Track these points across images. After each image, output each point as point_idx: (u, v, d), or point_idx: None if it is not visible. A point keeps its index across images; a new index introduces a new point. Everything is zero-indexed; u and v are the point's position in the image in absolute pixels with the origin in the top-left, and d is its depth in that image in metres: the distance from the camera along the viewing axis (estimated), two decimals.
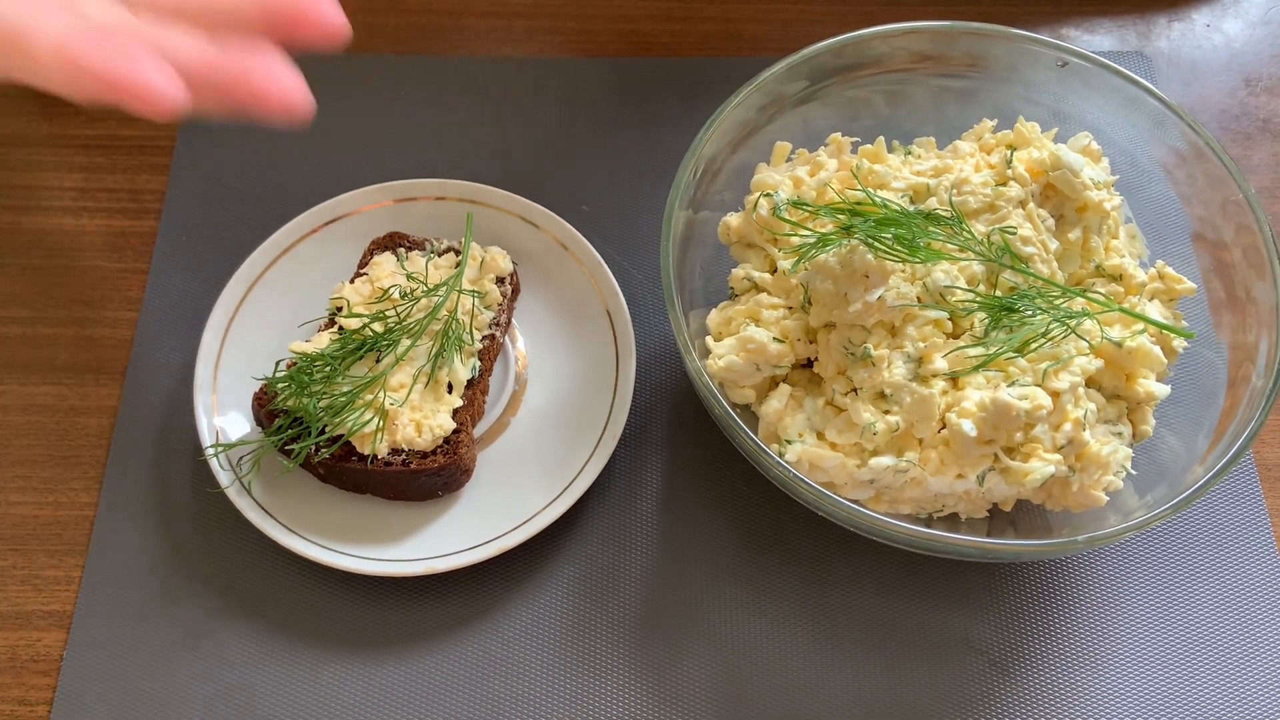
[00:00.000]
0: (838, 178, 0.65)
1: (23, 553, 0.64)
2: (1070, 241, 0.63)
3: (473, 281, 0.67)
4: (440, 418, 0.62)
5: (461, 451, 0.61)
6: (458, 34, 0.84)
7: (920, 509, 0.61)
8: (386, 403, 0.61)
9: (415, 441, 0.61)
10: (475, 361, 0.65)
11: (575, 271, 0.70)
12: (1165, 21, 0.86)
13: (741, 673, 0.61)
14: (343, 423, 0.60)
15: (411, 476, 0.61)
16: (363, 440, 0.60)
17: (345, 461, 0.60)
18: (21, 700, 0.60)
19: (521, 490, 0.63)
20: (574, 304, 0.70)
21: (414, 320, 0.63)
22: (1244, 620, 0.63)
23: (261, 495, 0.62)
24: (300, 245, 0.70)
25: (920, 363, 0.59)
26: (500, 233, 0.71)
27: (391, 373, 0.62)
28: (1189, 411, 0.62)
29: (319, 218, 0.70)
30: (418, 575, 0.60)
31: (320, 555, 0.60)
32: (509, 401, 0.67)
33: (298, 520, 0.62)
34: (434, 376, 0.63)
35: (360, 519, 0.63)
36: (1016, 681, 0.61)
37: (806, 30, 0.84)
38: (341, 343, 0.63)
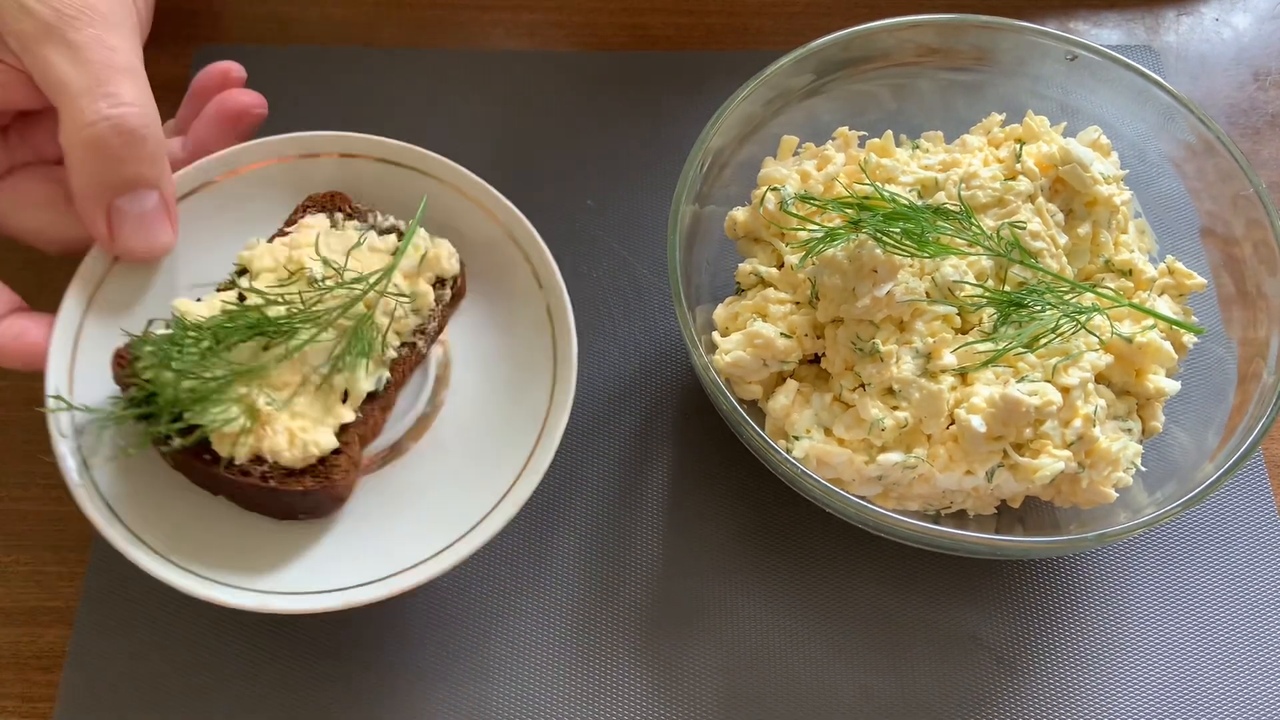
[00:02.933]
0: (845, 172, 0.64)
1: (26, 549, 0.63)
2: (1079, 236, 0.63)
3: (406, 276, 0.57)
4: (320, 434, 0.52)
5: (336, 477, 0.52)
6: (461, 28, 0.83)
7: (928, 505, 0.60)
8: (261, 401, 0.51)
9: (283, 454, 0.51)
10: (384, 374, 0.55)
11: (525, 277, 0.59)
12: (1174, 15, 0.86)
13: (748, 669, 0.61)
14: (203, 412, 0.50)
15: (269, 495, 0.52)
16: (222, 440, 0.51)
17: (195, 457, 0.51)
18: (25, 696, 0.59)
19: (400, 534, 0.54)
20: (516, 318, 0.60)
21: (321, 311, 0.53)
22: (1253, 617, 0.63)
23: (105, 479, 0.52)
24: (230, 180, 0.60)
25: (929, 358, 0.58)
26: (446, 213, 0.61)
27: (277, 367, 0.52)
28: (1199, 408, 0.62)
29: (245, 156, 0.60)
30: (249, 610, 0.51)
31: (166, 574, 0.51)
32: (415, 424, 0.58)
33: (143, 518, 0.52)
34: (328, 381, 0.53)
35: (208, 527, 0.53)
36: (1024, 679, 0.61)
37: (813, 23, 0.83)
38: (231, 316, 0.53)
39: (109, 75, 0.53)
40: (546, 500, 0.65)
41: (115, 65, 0.53)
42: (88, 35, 0.52)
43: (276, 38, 0.81)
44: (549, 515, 0.64)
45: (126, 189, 0.54)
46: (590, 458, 0.66)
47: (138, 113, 0.53)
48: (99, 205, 0.54)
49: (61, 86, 0.52)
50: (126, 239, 0.55)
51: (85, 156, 0.52)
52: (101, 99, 0.52)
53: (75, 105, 0.52)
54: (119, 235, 0.54)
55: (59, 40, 0.52)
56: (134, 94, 0.53)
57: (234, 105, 0.60)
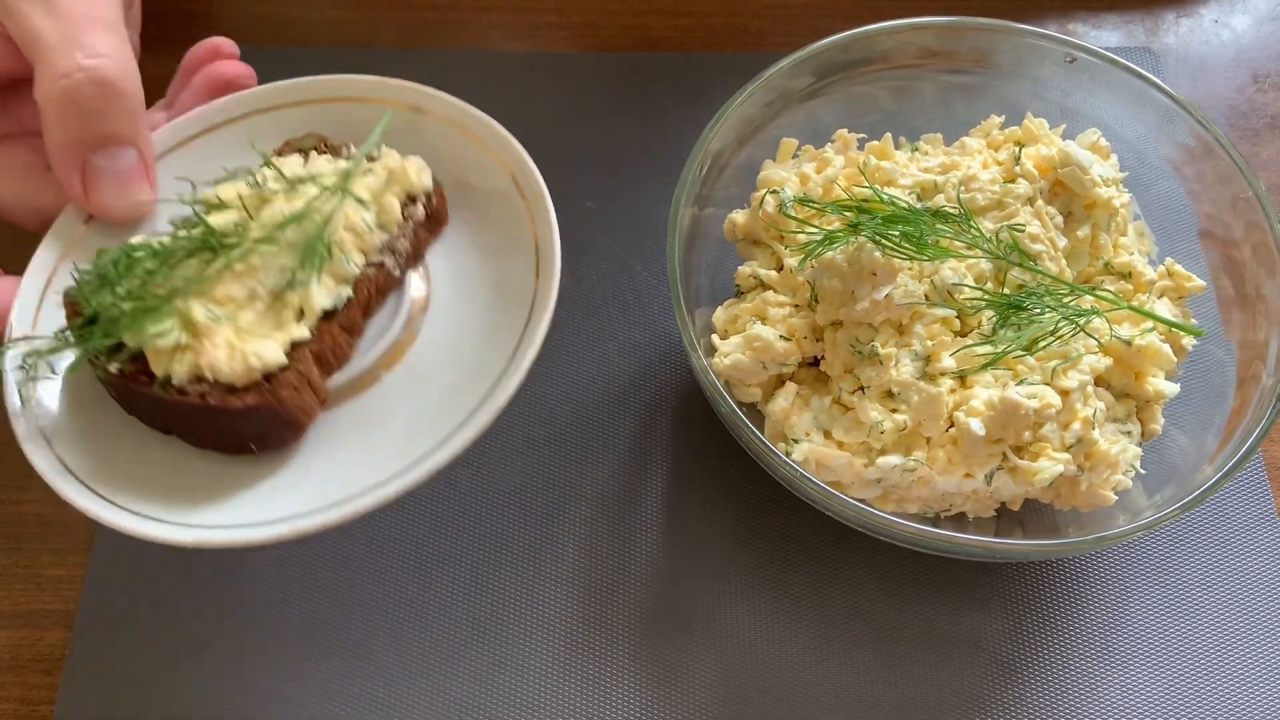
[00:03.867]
0: (844, 174, 0.64)
1: (26, 551, 0.63)
2: (1079, 239, 0.63)
3: (373, 193, 0.54)
4: (265, 346, 0.49)
5: (285, 395, 0.48)
6: (461, 28, 0.83)
7: (928, 508, 0.60)
8: (199, 314, 0.48)
9: (222, 370, 0.47)
10: (345, 290, 0.52)
11: (522, 223, 0.56)
12: (1173, 17, 0.86)
13: (747, 672, 0.61)
14: (137, 328, 0.47)
15: (211, 415, 0.48)
16: (157, 357, 0.48)
17: (134, 381, 0.48)
18: (24, 699, 0.59)
19: (367, 462, 0.50)
20: (507, 255, 0.56)
21: (270, 222, 0.50)
22: (1253, 619, 0.63)
23: (48, 418, 0.50)
24: (205, 138, 0.58)
25: (928, 361, 0.58)
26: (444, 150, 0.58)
27: (220, 280, 0.49)
28: (1198, 410, 0.62)
29: (226, 111, 0.58)
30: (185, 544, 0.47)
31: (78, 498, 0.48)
32: (387, 350, 0.54)
33: (75, 451, 0.49)
34: (281, 298, 0.49)
35: (151, 464, 0.50)
36: (1024, 681, 0.61)
37: (813, 25, 0.83)
38: (177, 237, 0.50)
39: (85, 27, 0.51)
40: (545, 501, 0.65)
41: (92, 17, 0.51)
42: None
43: (276, 39, 0.81)
44: (547, 517, 0.64)
45: (102, 145, 0.52)
46: (589, 459, 0.66)
47: (114, 64, 0.51)
48: (74, 161, 0.52)
49: (36, 39, 0.50)
50: (102, 196, 0.53)
51: (60, 109, 0.51)
52: (76, 50, 0.50)
53: (50, 57, 0.50)
54: (94, 193, 0.52)
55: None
56: (110, 46, 0.51)
57: (220, 76, 0.59)
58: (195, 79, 0.60)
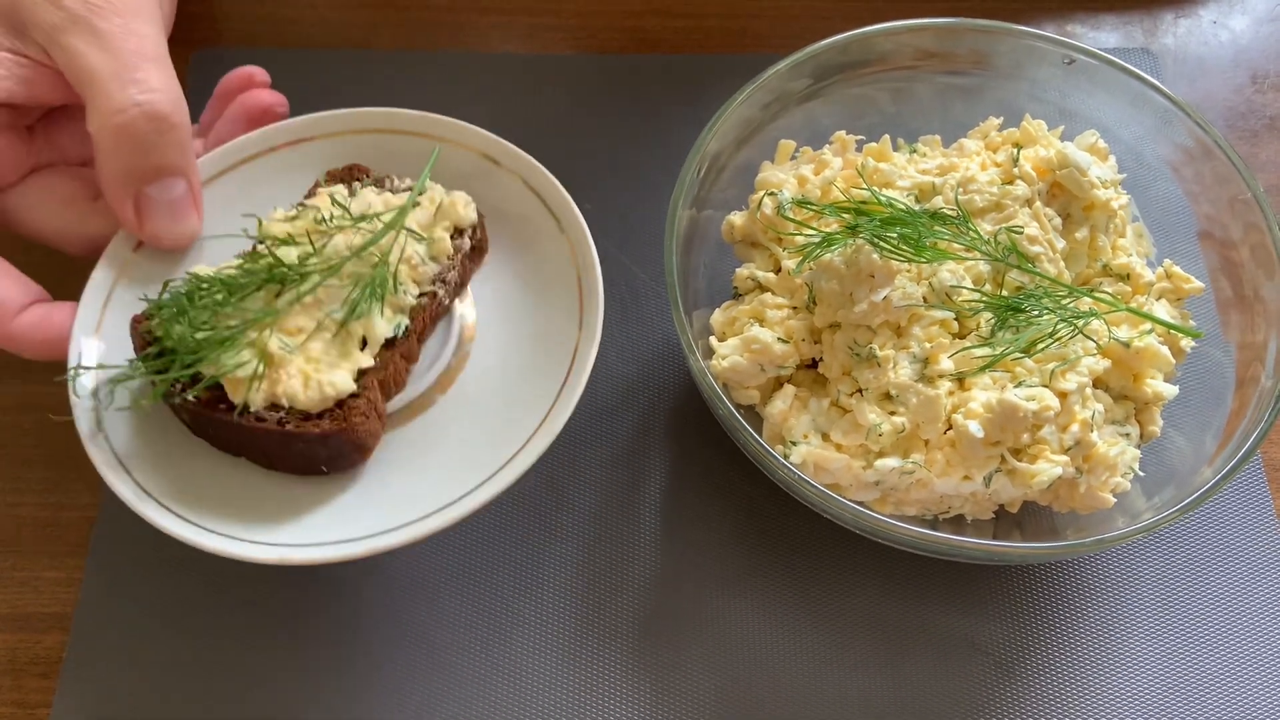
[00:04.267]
0: (842, 176, 0.64)
1: (22, 554, 0.63)
2: (1077, 240, 0.63)
3: (423, 227, 0.57)
4: (337, 375, 0.51)
5: (355, 420, 0.51)
6: (459, 30, 0.83)
7: (926, 511, 0.60)
8: (274, 345, 0.51)
9: (299, 398, 0.50)
10: (402, 320, 0.55)
11: (556, 241, 0.59)
12: (1171, 18, 0.86)
13: (745, 674, 0.61)
14: (216, 360, 0.50)
15: (287, 440, 0.51)
16: (235, 386, 0.50)
17: (212, 410, 0.51)
18: (20, 703, 0.59)
19: (430, 482, 0.53)
20: (544, 278, 0.59)
21: (332, 255, 0.53)
22: (1252, 622, 0.62)
23: (120, 442, 0.52)
24: (244, 168, 0.60)
25: (926, 363, 0.58)
26: (480, 184, 0.61)
27: (290, 312, 0.52)
28: (1197, 412, 0.62)
29: (270, 139, 0.61)
30: (267, 562, 0.50)
31: (164, 521, 0.50)
32: (441, 375, 0.57)
33: (153, 476, 0.51)
34: (345, 327, 0.52)
35: (226, 486, 0.53)
36: (1022, 684, 0.61)
37: (811, 27, 0.83)
38: (245, 270, 0.53)
39: (138, 62, 0.53)
40: (543, 504, 0.65)
41: (144, 53, 0.53)
42: (115, 24, 0.53)
43: (275, 40, 0.81)
44: (545, 519, 0.64)
45: (156, 177, 0.54)
46: (587, 462, 0.66)
47: (167, 99, 0.53)
48: (128, 193, 0.54)
49: (90, 75, 0.52)
50: (155, 226, 0.55)
51: (115, 143, 0.53)
52: (131, 85, 0.52)
53: (105, 92, 0.52)
54: (147, 222, 0.55)
55: (86, 29, 0.52)
56: (162, 81, 0.53)
57: (256, 104, 0.61)
58: (231, 107, 0.62)
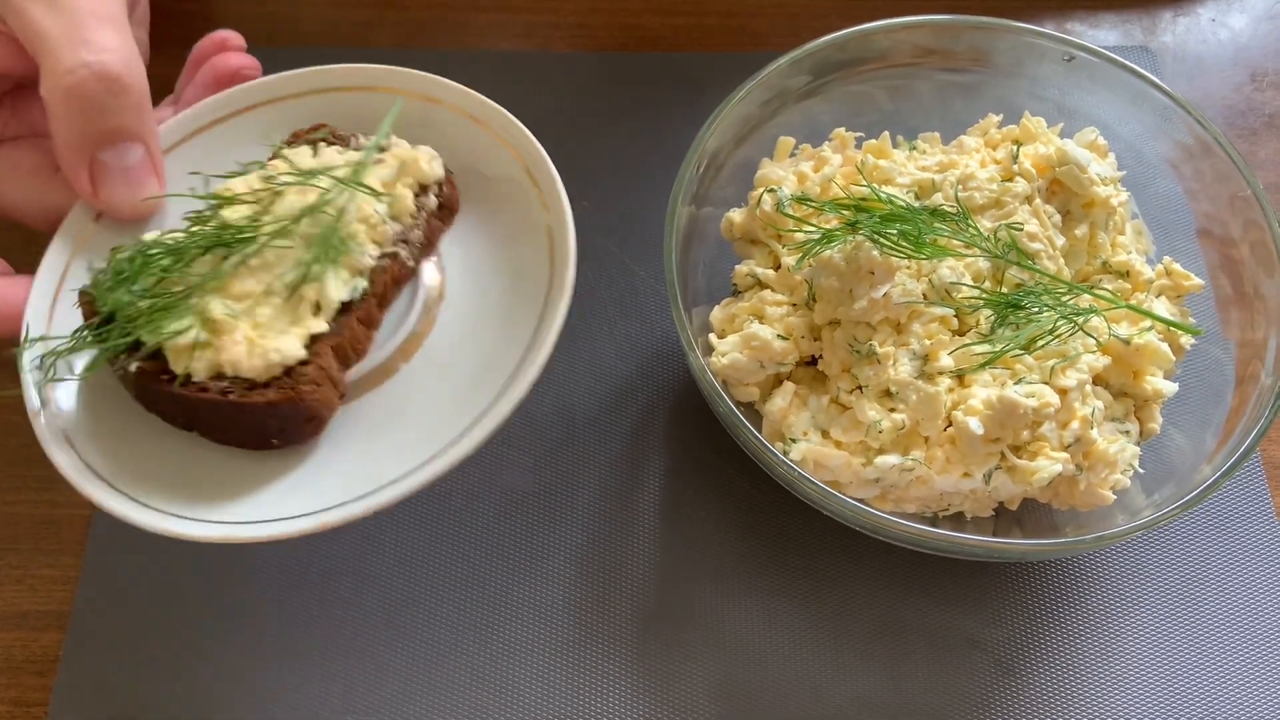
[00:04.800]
0: (842, 173, 0.64)
1: (19, 552, 0.63)
2: (1077, 238, 0.63)
3: (385, 184, 0.53)
4: (285, 341, 0.48)
5: (304, 389, 0.48)
6: (457, 28, 0.83)
7: (926, 508, 0.60)
8: (217, 310, 0.48)
9: (243, 365, 0.48)
10: (361, 283, 0.51)
11: (531, 202, 0.56)
12: (1170, 16, 0.86)
13: (744, 672, 0.60)
14: (155, 327, 0.47)
15: (232, 411, 0.48)
16: (177, 354, 0.48)
17: (154, 380, 0.48)
18: (18, 701, 0.59)
19: (388, 453, 0.50)
20: (520, 242, 0.56)
21: (284, 215, 0.50)
22: (1251, 619, 0.62)
23: (67, 417, 0.50)
24: (209, 131, 0.57)
25: (926, 360, 0.58)
26: (459, 144, 0.57)
27: (237, 275, 0.49)
28: (1197, 409, 0.62)
29: (234, 102, 0.58)
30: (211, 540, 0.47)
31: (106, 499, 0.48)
32: (405, 341, 0.54)
33: (98, 450, 0.49)
34: (297, 291, 0.49)
35: (174, 461, 0.50)
36: (1022, 682, 0.61)
37: (810, 25, 0.83)
38: (192, 233, 0.50)
39: (88, 22, 0.50)
40: (541, 502, 0.65)
41: (95, 13, 0.51)
42: None
43: (272, 39, 0.81)
44: (544, 517, 0.64)
45: (110, 141, 0.52)
46: (586, 459, 0.66)
47: (119, 59, 0.51)
48: (82, 159, 0.52)
49: (41, 36, 0.50)
50: (111, 193, 0.52)
51: (66, 106, 0.50)
52: (81, 46, 0.50)
53: (54, 54, 0.50)
54: (102, 189, 0.52)
55: None
56: (115, 41, 0.51)
57: (225, 68, 0.59)
58: (200, 71, 0.60)
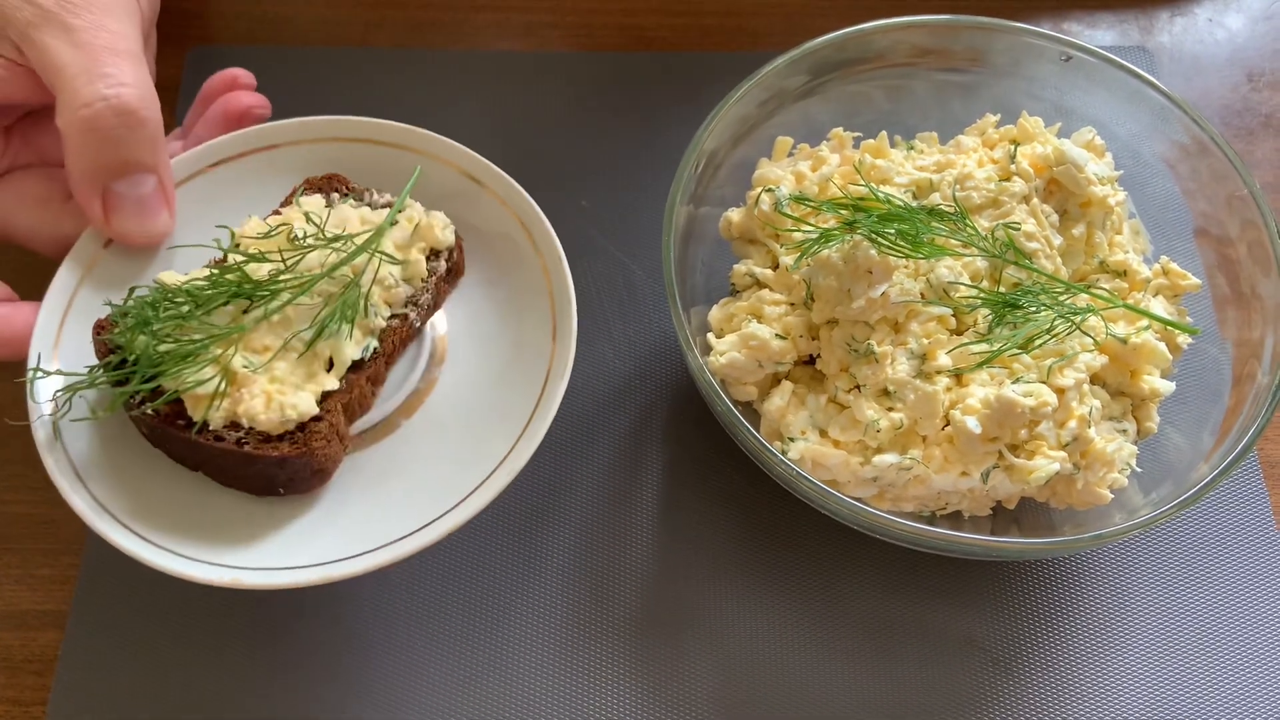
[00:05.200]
0: (840, 173, 0.64)
1: (18, 551, 0.63)
2: (1074, 237, 0.63)
3: (399, 247, 0.55)
4: (299, 397, 0.50)
5: (315, 445, 0.50)
6: (456, 28, 0.83)
7: (923, 507, 0.60)
8: (238, 363, 0.50)
9: (259, 418, 0.49)
10: (371, 342, 0.53)
11: (532, 266, 0.58)
12: (1167, 16, 0.86)
13: (742, 671, 0.60)
14: (177, 374, 0.49)
15: (244, 460, 0.50)
16: (195, 402, 0.49)
17: (170, 424, 0.50)
18: (16, 700, 0.59)
19: (389, 509, 0.52)
20: (522, 306, 0.58)
21: (303, 273, 0.52)
22: (1248, 618, 0.63)
23: (78, 451, 0.51)
24: (220, 170, 0.59)
25: (924, 359, 0.58)
26: (459, 202, 0.59)
27: (256, 329, 0.51)
28: (1194, 408, 0.62)
29: (246, 142, 0.59)
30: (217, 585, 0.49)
31: (122, 540, 0.49)
32: (407, 399, 0.56)
33: (110, 488, 0.50)
34: (312, 348, 0.51)
35: (182, 502, 0.51)
36: (1020, 680, 0.61)
37: (808, 24, 0.83)
38: (212, 281, 0.51)
39: (107, 57, 0.52)
40: (539, 502, 0.65)
41: (114, 48, 0.53)
42: (86, 20, 0.52)
43: (271, 38, 0.81)
44: (542, 517, 0.64)
45: (124, 172, 0.53)
46: (584, 459, 0.66)
47: (136, 93, 0.52)
48: (95, 189, 0.53)
49: (59, 70, 0.52)
50: (122, 223, 0.54)
51: (82, 137, 0.52)
52: (99, 79, 0.51)
53: (72, 87, 0.51)
54: (114, 219, 0.54)
55: (58, 25, 0.52)
56: (132, 75, 0.53)
57: (236, 106, 0.60)
58: (211, 109, 0.61)
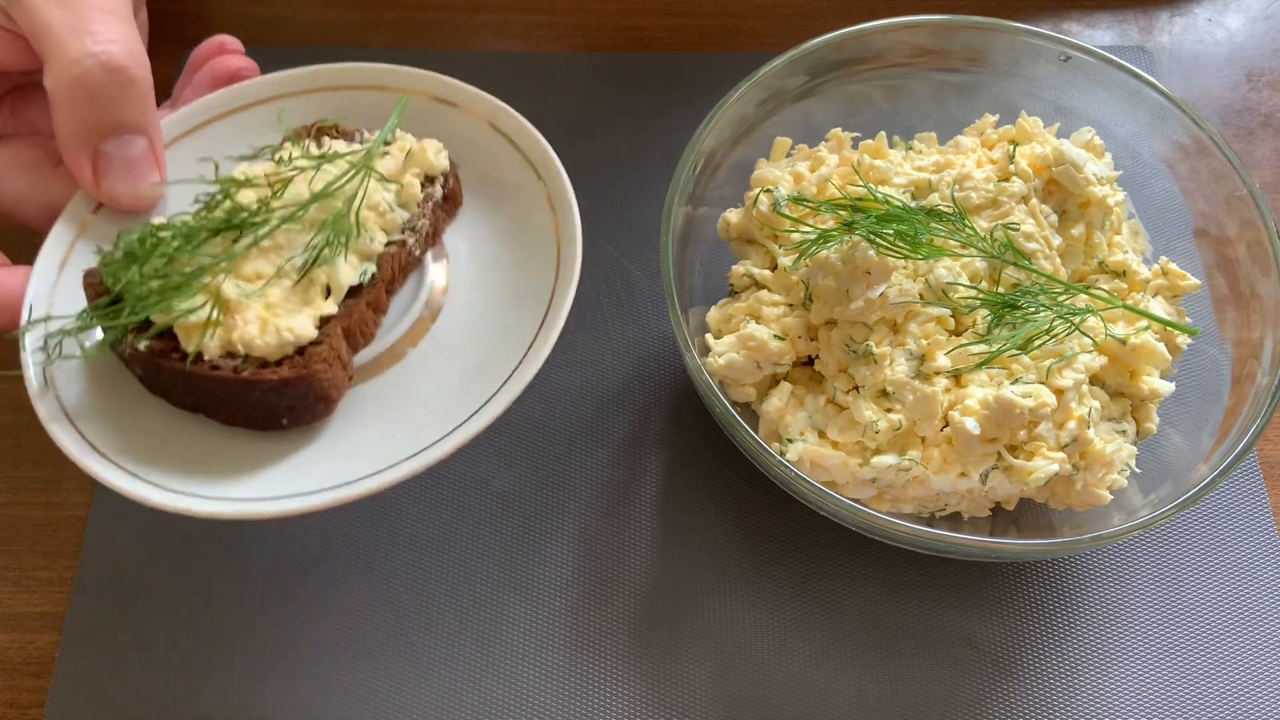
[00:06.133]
0: (838, 173, 0.64)
1: (14, 554, 0.63)
2: (1073, 237, 0.63)
3: (392, 174, 0.55)
4: (297, 320, 0.49)
5: (317, 368, 0.49)
6: (453, 29, 0.83)
7: (922, 508, 0.60)
8: (230, 290, 0.49)
9: (255, 344, 0.48)
10: (370, 267, 0.53)
11: (536, 196, 0.58)
12: (1167, 16, 0.86)
13: (742, 673, 0.60)
14: (167, 305, 0.48)
15: (244, 388, 0.48)
16: (188, 333, 0.48)
17: (163, 359, 0.49)
18: (13, 703, 0.59)
19: (396, 434, 0.51)
20: (525, 233, 0.57)
21: (294, 199, 0.51)
22: (1248, 619, 0.62)
23: (70, 398, 0.50)
24: (211, 128, 0.58)
25: (923, 360, 0.58)
26: (464, 140, 0.59)
27: (248, 257, 0.50)
28: (1193, 409, 0.62)
29: (236, 98, 0.59)
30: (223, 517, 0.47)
31: (109, 475, 0.48)
32: (411, 328, 0.55)
33: (101, 430, 0.49)
34: (307, 273, 0.50)
35: (181, 441, 0.51)
36: (1019, 682, 0.61)
37: (806, 25, 0.83)
38: (201, 216, 0.51)
39: (95, 15, 0.51)
40: (538, 503, 0.65)
41: (100, 5, 0.51)
42: None
43: (268, 39, 0.81)
44: (540, 518, 0.64)
45: (113, 132, 0.52)
46: (582, 460, 0.66)
47: (124, 50, 0.51)
48: (85, 150, 0.52)
49: (46, 29, 0.50)
50: (113, 184, 0.53)
51: (70, 96, 0.51)
52: (87, 37, 0.50)
53: (60, 45, 0.50)
54: (104, 180, 0.53)
55: None
56: (120, 32, 0.52)
57: (224, 69, 0.60)
58: (198, 74, 0.60)
